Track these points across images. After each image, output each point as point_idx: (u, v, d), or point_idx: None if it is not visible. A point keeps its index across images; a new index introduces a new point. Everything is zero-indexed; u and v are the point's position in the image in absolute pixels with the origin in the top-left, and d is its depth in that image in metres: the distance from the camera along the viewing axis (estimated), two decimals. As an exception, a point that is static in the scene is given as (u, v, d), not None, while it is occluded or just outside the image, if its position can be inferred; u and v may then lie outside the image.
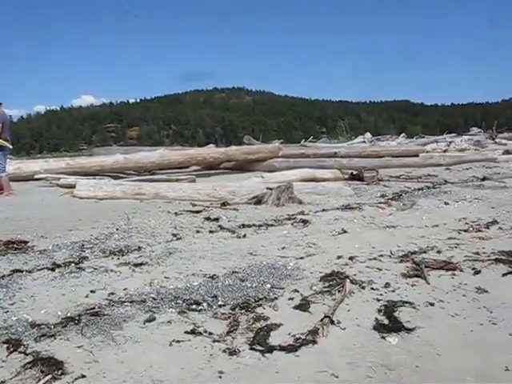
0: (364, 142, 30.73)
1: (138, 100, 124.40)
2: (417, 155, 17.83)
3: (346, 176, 12.17)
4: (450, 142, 25.74)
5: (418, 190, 10.32)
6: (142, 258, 5.12)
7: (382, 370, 2.89)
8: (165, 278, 4.49)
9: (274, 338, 3.26)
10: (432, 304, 3.86)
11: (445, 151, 22.19)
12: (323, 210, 7.71)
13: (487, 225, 6.51)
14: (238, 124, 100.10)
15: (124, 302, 3.92)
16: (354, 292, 4.08)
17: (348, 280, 4.27)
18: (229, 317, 3.61)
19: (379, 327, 3.43)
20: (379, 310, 3.72)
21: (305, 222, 6.79)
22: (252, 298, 3.94)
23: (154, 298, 3.97)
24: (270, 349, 3.12)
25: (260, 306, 3.81)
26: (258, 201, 8.29)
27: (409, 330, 3.38)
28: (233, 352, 3.09)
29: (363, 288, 4.18)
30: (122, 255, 5.25)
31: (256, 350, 3.12)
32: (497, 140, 28.45)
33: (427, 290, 4.16)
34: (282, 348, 3.13)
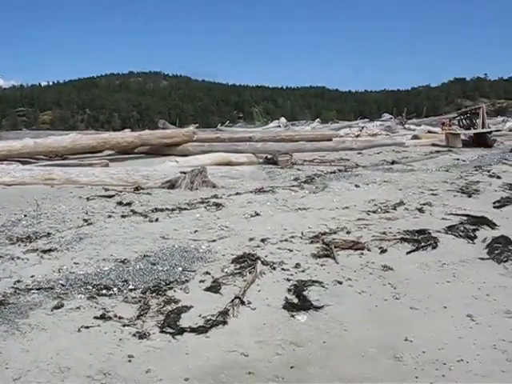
0: (279, 126, 31.05)
1: (51, 83, 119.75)
2: (330, 139, 18.14)
3: (261, 160, 12.25)
4: (363, 127, 26.30)
5: (331, 173, 10.50)
6: (50, 245, 4.97)
7: (291, 347, 2.97)
8: (74, 263, 4.39)
9: (185, 320, 3.28)
10: (340, 282, 3.99)
11: (357, 136, 22.69)
12: (237, 194, 7.75)
13: (394, 206, 6.76)
14: (154, 108, 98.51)
15: (31, 289, 3.81)
16: (265, 273, 4.16)
17: (259, 261, 4.34)
18: (139, 300, 3.59)
19: (289, 306, 3.52)
20: (289, 290, 3.81)
21: (218, 205, 6.80)
22: (163, 282, 3.94)
23: (63, 285, 3.88)
24: (181, 331, 3.14)
25: (171, 288, 3.81)
26: (172, 185, 8.22)
27: (317, 308, 3.49)
28: (143, 335, 3.08)
29: (274, 269, 4.26)
30: (30, 242, 5.07)
31: (166, 332, 3.13)
32: (406, 126, 29.57)
33: (336, 269, 4.29)
34: (192, 330, 3.15)
